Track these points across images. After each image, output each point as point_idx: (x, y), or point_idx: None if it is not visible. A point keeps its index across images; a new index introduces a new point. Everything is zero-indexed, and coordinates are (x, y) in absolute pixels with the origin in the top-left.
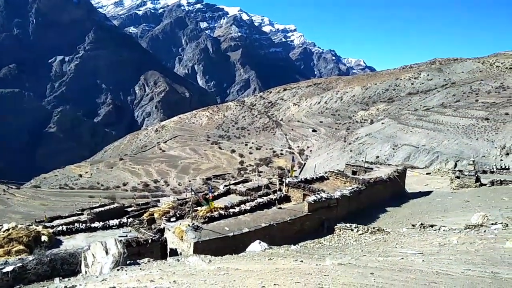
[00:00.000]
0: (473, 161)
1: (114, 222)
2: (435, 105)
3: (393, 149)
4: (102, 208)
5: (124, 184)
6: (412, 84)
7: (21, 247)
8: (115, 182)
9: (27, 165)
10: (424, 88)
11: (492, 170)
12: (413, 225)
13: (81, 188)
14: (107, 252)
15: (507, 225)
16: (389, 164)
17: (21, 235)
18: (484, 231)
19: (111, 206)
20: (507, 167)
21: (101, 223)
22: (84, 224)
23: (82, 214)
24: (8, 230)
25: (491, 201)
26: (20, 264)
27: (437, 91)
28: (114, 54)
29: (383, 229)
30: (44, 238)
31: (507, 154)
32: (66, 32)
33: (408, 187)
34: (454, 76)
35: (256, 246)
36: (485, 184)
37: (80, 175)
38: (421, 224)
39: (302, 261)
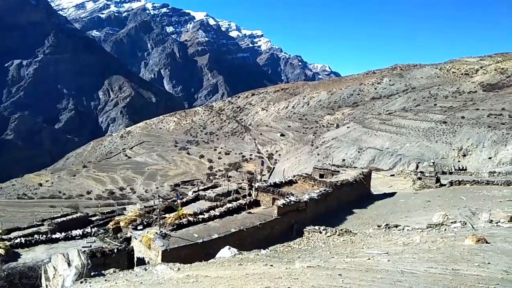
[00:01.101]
0: (433, 162)
1: (77, 232)
2: (397, 109)
3: (359, 152)
4: (64, 218)
5: (88, 193)
6: (375, 89)
7: None
8: (78, 190)
9: None
10: (387, 93)
11: (450, 171)
12: (378, 226)
13: (41, 197)
14: (69, 264)
15: (466, 223)
16: (355, 167)
17: None
18: (445, 230)
19: (74, 216)
20: (464, 168)
21: (63, 234)
22: (44, 236)
23: (42, 225)
24: None
25: (451, 200)
26: None
27: (398, 95)
28: (76, 58)
29: (351, 231)
30: (0, 251)
31: (464, 155)
32: (24, 35)
33: (374, 189)
34: (414, 82)
35: (226, 252)
36: (444, 185)
37: (40, 184)
38: (386, 224)
39: (272, 265)
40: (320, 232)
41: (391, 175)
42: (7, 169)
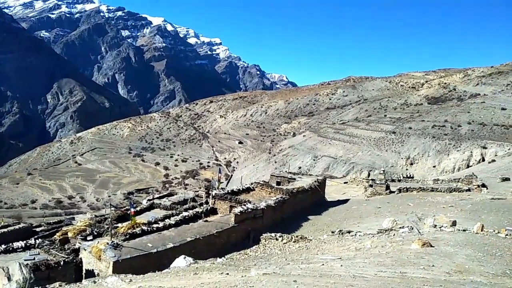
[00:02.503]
0: (384, 170)
1: (19, 244)
2: (350, 119)
3: (314, 160)
4: (5, 229)
5: (33, 202)
6: (330, 99)
7: None
8: (21, 199)
9: None
10: (341, 103)
11: (399, 178)
12: (332, 232)
13: None
14: (9, 279)
15: (412, 228)
16: (310, 175)
17: None
18: (394, 235)
19: (16, 227)
20: (411, 175)
21: (4, 246)
22: None
23: None
24: None
25: (399, 207)
26: None
27: (351, 106)
28: (22, 58)
29: (306, 237)
30: None
31: (411, 164)
32: None
33: (328, 195)
34: (366, 93)
35: (181, 262)
36: (394, 192)
37: None
38: (340, 230)
39: (228, 273)
40: (277, 239)
41: (345, 183)
42: None
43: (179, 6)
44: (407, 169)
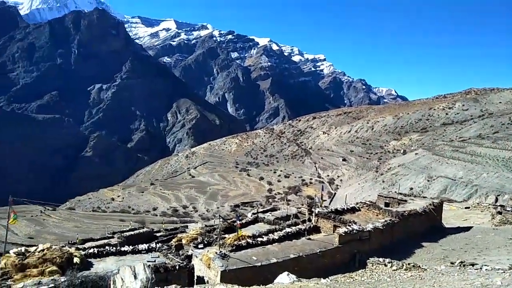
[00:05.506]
0: None
1: (143, 246)
2: (472, 136)
3: (428, 181)
4: (132, 232)
5: (154, 209)
6: (447, 114)
7: (54, 268)
8: (145, 206)
9: (64, 187)
10: (460, 118)
11: None
12: (452, 263)
13: (113, 211)
14: (135, 277)
15: None
16: (424, 197)
17: (54, 256)
18: None
19: (141, 231)
20: None
21: (131, 247)
22: (114, 248)
23: (112, 237)
24: (43, 250)
25: None
26: (53, 285)
27: (473, 121)
28: (148, 82)
29: (419, 266)
30: (76, 260)
31: None
32: (105, 61)
33: (445, 221)
34: (491, 107)
35: (285, 278)
36: None
37: (113, 199)
38: (461, 262)
39: None
40: (385, 265)
41: (466, 208)
42: (85, 183)
43: (284, 26)
44: None
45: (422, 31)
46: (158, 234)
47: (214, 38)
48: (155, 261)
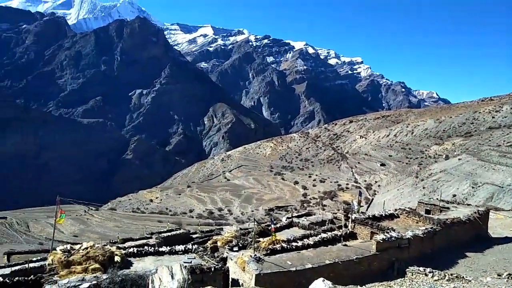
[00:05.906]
0: None
1: (180, 247)
2: None
3: (473, 187)
4: (170, 233)
5: (190, 211)
6: (493, 117)
7: (97, 265)
8: (182, 208)
9: (107, 189)
10: (508, 122)
11: None
12: (498, 275)
13: (151, 212)
14: (172, 277)
15: None
16: (468, 204)
17: (97, 254)
18: None
19: (178, 232)
20: None
21: (168, 248)
22: (152, 248)
23: (151, 237)
24: (86, 248)
25: None
26: (95, 282)
27: None
28: (186, 87)
29: (463, 277)
30: (117, 258)
31: None
32: (145, 68)
33: (492, 231)
34: None
35: (320, 284)
36: None
37: (151, 200)
38: (509, 274)
39: None
40: (426, 275)
41: None
42: (126, 184)
43: (320, 30)
44: None
45: (466, 34)
46: (194, 236)
47: (250, 43)
48: (191, 262)
